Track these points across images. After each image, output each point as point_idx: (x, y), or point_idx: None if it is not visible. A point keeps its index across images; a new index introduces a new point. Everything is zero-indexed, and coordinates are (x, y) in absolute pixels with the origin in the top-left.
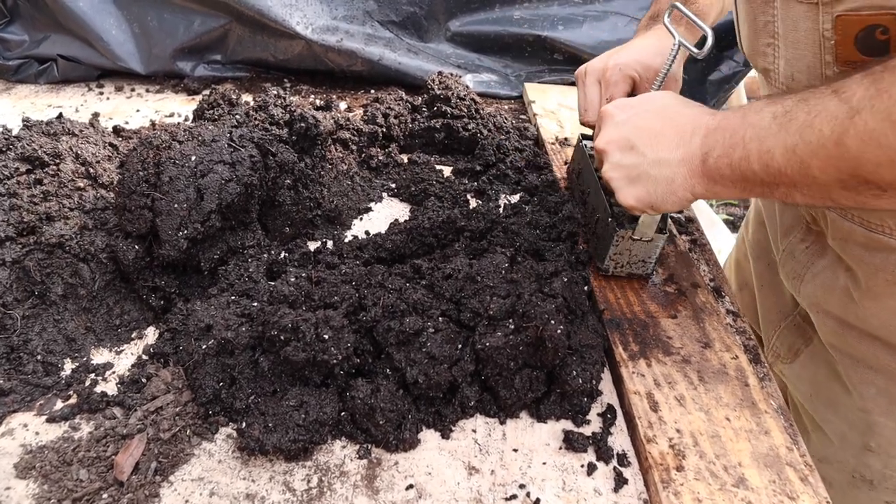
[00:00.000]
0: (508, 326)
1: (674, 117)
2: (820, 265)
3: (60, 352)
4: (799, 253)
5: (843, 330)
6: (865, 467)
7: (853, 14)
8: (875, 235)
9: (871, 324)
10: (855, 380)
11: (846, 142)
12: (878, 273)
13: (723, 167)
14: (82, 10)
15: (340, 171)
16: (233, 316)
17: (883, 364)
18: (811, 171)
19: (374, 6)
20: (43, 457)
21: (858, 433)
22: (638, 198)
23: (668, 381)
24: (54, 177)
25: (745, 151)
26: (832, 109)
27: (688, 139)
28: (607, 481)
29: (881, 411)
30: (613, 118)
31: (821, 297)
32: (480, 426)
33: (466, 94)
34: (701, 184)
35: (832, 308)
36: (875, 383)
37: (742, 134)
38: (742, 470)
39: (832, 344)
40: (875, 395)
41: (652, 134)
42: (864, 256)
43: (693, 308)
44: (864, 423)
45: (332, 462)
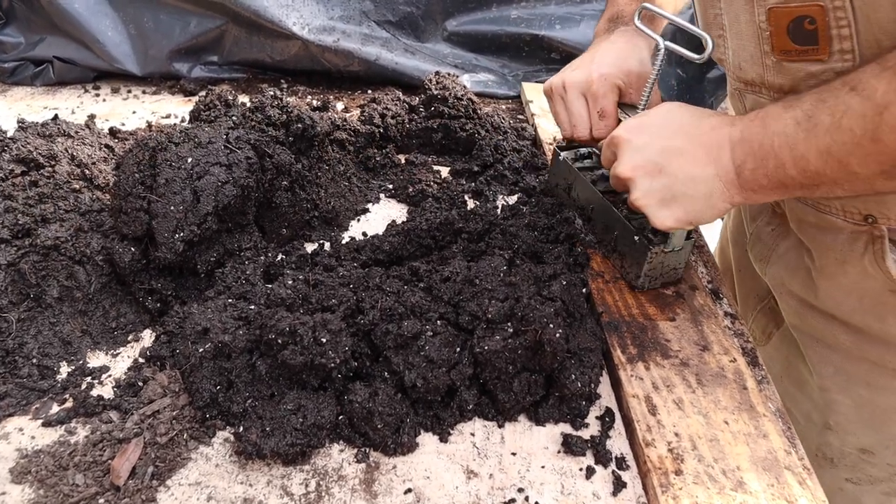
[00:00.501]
0: (507, 330)
1: (694, 133)
2: (784, 246)
3: (56, 355)
4: (765, 236)
5: (804, 310)
6: (827, 446)
7: (782, 6)
8: (824, 216)
9: (827, 303)
10: (815, 359)
11: (881, 137)
12: (828, 252)
13: (760, 178)
14: (78, 12)
15: (337, 172)
16: (230, 319)
17: (840, 342)
18: (851, 168)
19: (370, 6)
20: (39, 461)
21: (819, 412)
22: (677, 218)
23: (667, 384)
24: (50, 178)
25: (778, 160)
26: (857, 108)
27: (716, 154)
28: (606, 485)
29: (838, 389)
30: (631, 143)
31: (785, 277)
32: (479, 430)
33: (464, 94)
34: (739, 194)
35: (795, 288)
36: (832, 362)
37: (770, 144)
38: (741, 474)
39: (794, 325)
40: (833, 374)
41: (678, 153)
42: (816, 236)
43: (691, 310)
44: (824, 402)
45: (331, 466)
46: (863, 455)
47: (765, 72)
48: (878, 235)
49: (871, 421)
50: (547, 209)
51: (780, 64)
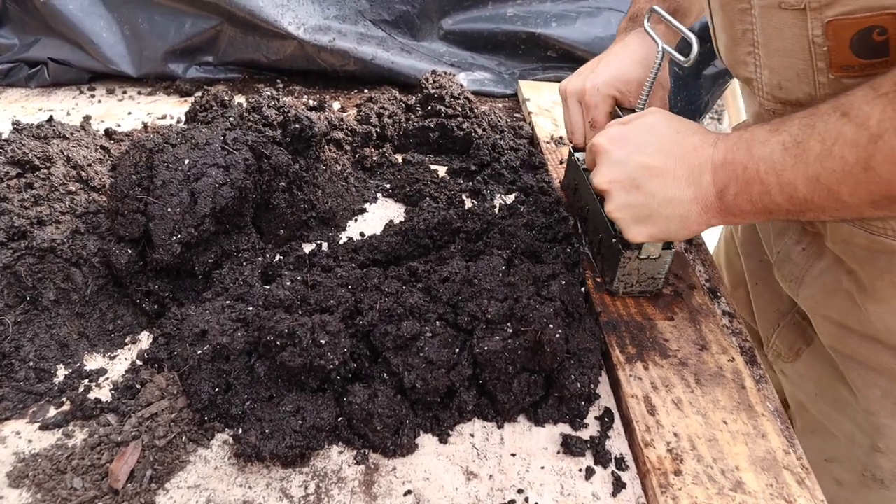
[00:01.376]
0: (506, 330)
1: (675, 150)
2: (818, 268)
3: (53, 358)
4: (795, 255)
5: (843, 334)
6: (876, 467)
7: (846, 18)
8: (877, 238)
9: (876, 327)
10: (858, 382)
11: (874, 166)
12: (883, 276)
13: (742, 203)
14: (72, 14)
15: (335, 172)
16: (228, 321)
17: (886, 366)
18: (841, 197)
19: (366, 5)
20: (36, 465)
21: (866, 434)
22: (650, 235)
23: (666, 384)
24: (45, 180)
25: (763, 186)
26: (850, 135)
27: (697, 176)
28: (605, 486)
29: (887, 413)
30: (610, 155)
31: (821, 300)
32: (478, 431)
33: (460, 92)
34: (718, 217)
35: (832, 312)
36: (879, 385)
37: (755, 169)
38: (739, 474)
39: (833, 347)
40: (880, 398)
41: (657, 172)
42: (867, 259)
43: (689, 310)
44: (870, 425)
45: (330, 468)
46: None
47: (817, 90)
48: None
49: None
50: (545, 208)
51: (839, 81)
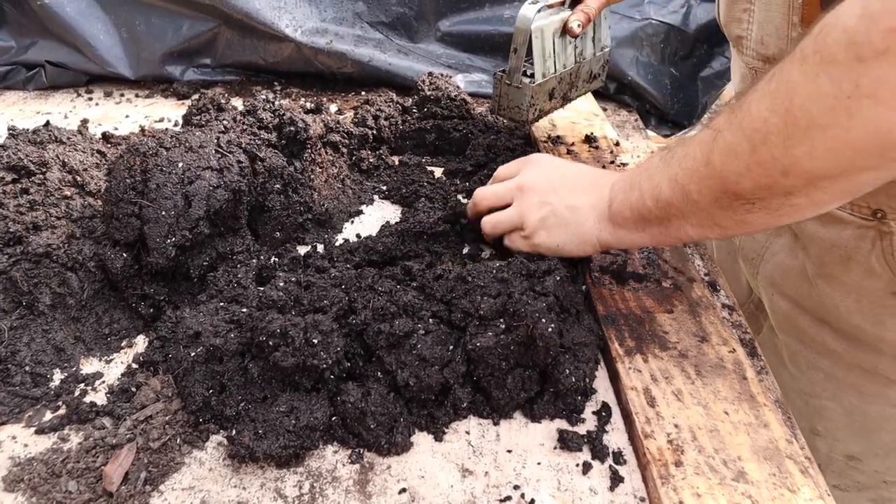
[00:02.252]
0: (499, 326)
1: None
2: (778, 244)
3: (49, 362)
4: (759, 234)
5: (795, 313)
6: (814, 451)
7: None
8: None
9: (824, 304)
10: (803, 365)
11: (712, 160)
12: (832, 249)
13: (624, 210)
14: (70, 16)
15: (331, 175)
16: (222, 322)
17: (830, 349)
18: (691, 196)
19: (363, 7)
20: (31, 469)
21: (806, 418)
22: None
23: (665, 376)
24: (41, 186)
25: (640, 191)
26: (703, 137)
27: (598, 189)
28: (603, 480)
29: (828, 396)
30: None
31: (777, 277)
32: (474, 427)
33: (457, 94)
34: (606, 228)
35: (787, 289)
36: (822, 368)
37: (638, 177)
38: (742, 464)
39: (783, 329)
40: (822, 380)
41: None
42: (817, 232)
43: (689, 302)
44: (810, 408)
45: (324, 467)
46: (850, 462)
47: (788, 46)
48: (886, 232)
49: (861, 428)
50: None
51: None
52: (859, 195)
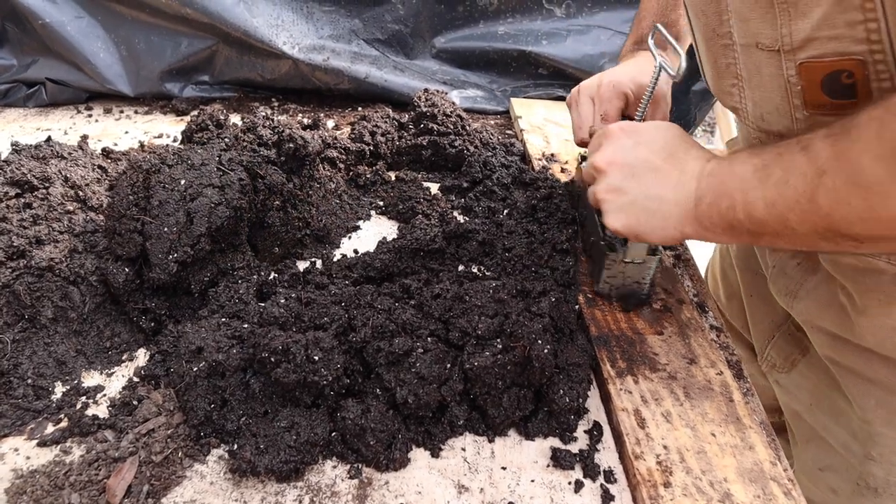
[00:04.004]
0: (496, 346)
1: (677, 155)
2: (813, 282)
3: (51, 375)
4: (790, 269)
5: (838, 345)
6: (869, 475)
7: (816, 61)
8: (864, 258)
9: (867, 340)
10: (854, 392)
11: (818, 200)
12: (870, 293)
13: (713, 214)
14: (70, 34)
15: (328, 190)
16: (223, 338)
17: (880, 377)
18: (790, 224)
19: (359, 25)
20: (34, 481)
21: (860, 443)
22: (627, 225)
23: (655, 397)
24: (43, 200)
25: (731, 201)
26: (802, 167)
27: (686, 182)
28: (594, 498)
29: (881, 422)
30: (619, 140)
31: (815, 313)
32: (469, 445)
33: (453, 110)
34: (691, 227)
35: (826, 324)
36: (874, 395)
37: (729, 184)
38: (728, 485)
39: (829, 357)
40: (874, 407)
41: (655, 168)
42: (856, 277)
43: (679, 324)
44: (865, 433)
45: (324, 482)
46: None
47: (794, 125)
48: None
49: None
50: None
51: (814, 118)
52: None
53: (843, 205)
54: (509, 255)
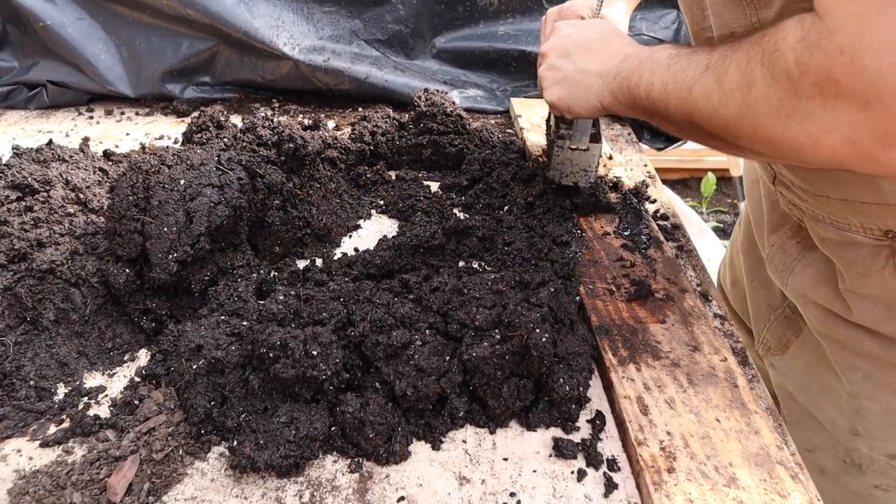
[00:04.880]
0: (494, 336)
1: (607, 40)
2: (811, 257)
3: (53, 376)
4: (790, 247)
5: (829, 319)
6: (854, 451)
7: None
8: (843, 233)
9: (853, 313)
10: (843, 365)
11: (693, 90)
12: (851, 266)
13: (623, 88)
14: (71, 36)
15: (329, 190)
16: (223, 336)
17: (867, 350)
18: (669, 108)
19: (359, 25)
20: (36, 481)
21: (847, 418)
22: (559, 96)
23: (658, 384)
24: (45, 203)
25: (639, 79)
26: (700, 61)
27: (610, 58)
28: (597, 487)
29: (867, 395)
30: (561, 31)
31: (808, 287)
32: (470, 436)
33: (453, 110)
34: (608, 98)
35: (818, 298)
36: (861, 368)
37: (644, 65)
38: (733, 470)
39: (820, 332)
40: (861, 380)
41: (587, 48)
42: (838, 251)
43: (681, 312)
44: (851, 408)
45: (324, 477)
46: (892, 461)
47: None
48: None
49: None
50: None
51: None
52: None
53: (705, 99)
54: (509, 250)
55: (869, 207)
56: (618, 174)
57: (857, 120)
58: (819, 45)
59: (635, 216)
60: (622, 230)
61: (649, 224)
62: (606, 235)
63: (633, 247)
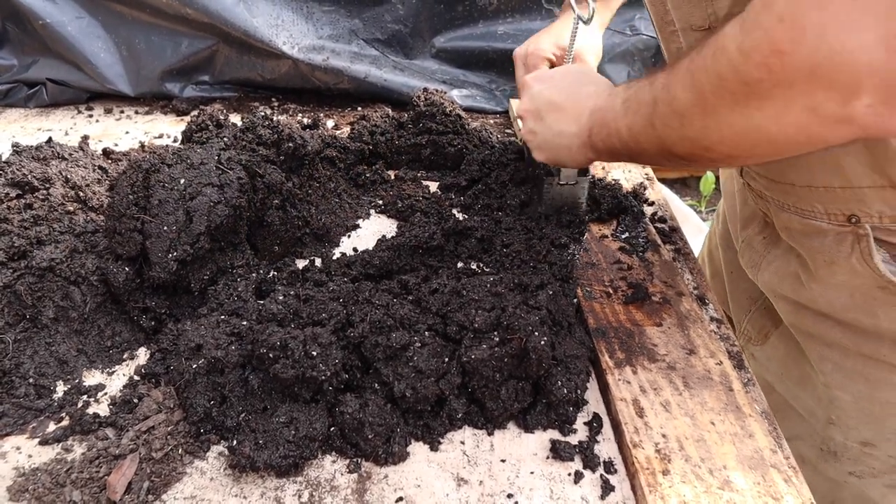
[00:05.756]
0: (493, 339)
1: (575, 94)
2: (774, 254)
3: (52, 374)
4: (757, 244)
5: (798, 311)
6: (830, 440)
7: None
8: (808, 221)
9: (820, 304)
10: (814, 356)
11: (654, 123)
12: (817, 255)
13: (598, 142)
14: (71, 35)
15: (328, 190)
16: (222, 335)
17: (835, 339)
18: (642, 145)
19: (359, 25)
20: (36, 479)
21: (823, 408)
22: (547, 157)
23: (654, 387)
24: (44, 201)
25: (608, 130)
26: (646, 96)
27: (580, 117)
28: (594, 489)
29: (837, 385)
30: (531, 88)
31: (776, 283)
32: (468, 438)
33: (452, 109)
34: (591, 152)
35: (786, 292)
36: (831, 359)
37: (607, 116)
38: (727, 472)
39: (792, 324)
40: (832, 370)
41: (556, 108)
42: (803, 241)
43: (678, 316)
44: (826, 398)
45: (323, 477)
46: (865, 448)
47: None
48: (862, 234)
49: (871, 415)
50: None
51: None
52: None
53: (667, 127)
54: (507, 251)
55: (833, 192)
56: (616, 177)
57: (811, 85)
58: (757, 22)
59: (633, 219)
60: (620, 233)
61: (647, 227)
62: (604, 238)
63: (631, 249)
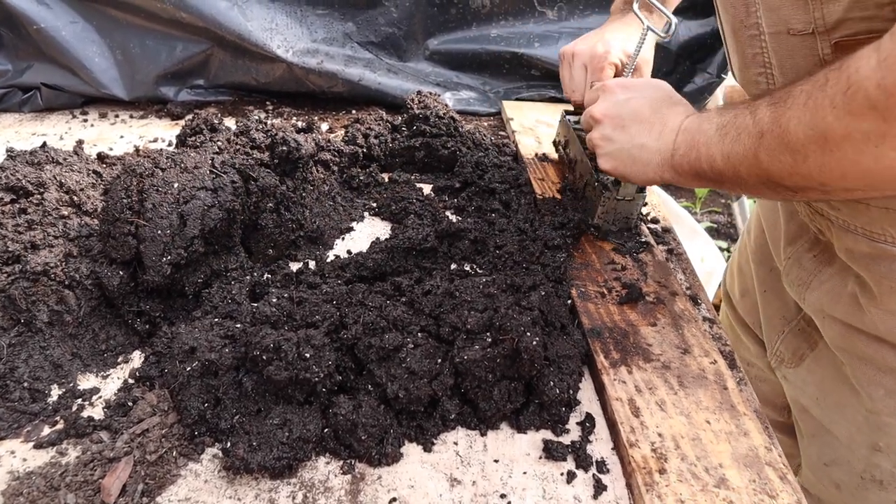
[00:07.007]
0: (486, 340)
1: (662, 110)
2: (827, 273)
3: (47, 378)
4: (806, 261)
5: (850, 334)
6: (875, 468)
7: (850, 38)
8: (879, 245)
9: (879, 329)
10: (863, 381)
11: (760, 156)
12: (883, 280)
13: (684, 164)
14: (65, 39)
15: (322, 192)
16: (216, 338)
17: (891, 366)
18: (741, 175)
19: (353, 28)
20: (30, 483)
21: (867, 434)
22: (614, 168)
23: (649, 386)
24: (38, 206)
25: (698, 154)
26: (749, 127)
27: (666, 134)
28: (587, 488)
29: (889, 412)
30: (614, 95)
31: (826, 303)
32: (462, 438)
33: (445, 112)
34: (668, 172)
35: (838, 314)
36: (884, 384)
37: (697, 139)
38: (723, 471)
39: (839, 346)
40: (884, 397)
41: (642, 120)
42: (870, 265)
43: (672, 315)
44: (872, 425)
45: (317, 478)
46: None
47: None
48: None
49: None
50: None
51: None
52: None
53: (777, 161)
54: (501, 253)
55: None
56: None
57: None
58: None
59: None
60: None
61: (640, 228)
62: (598, 239)
63: (625, 250)
